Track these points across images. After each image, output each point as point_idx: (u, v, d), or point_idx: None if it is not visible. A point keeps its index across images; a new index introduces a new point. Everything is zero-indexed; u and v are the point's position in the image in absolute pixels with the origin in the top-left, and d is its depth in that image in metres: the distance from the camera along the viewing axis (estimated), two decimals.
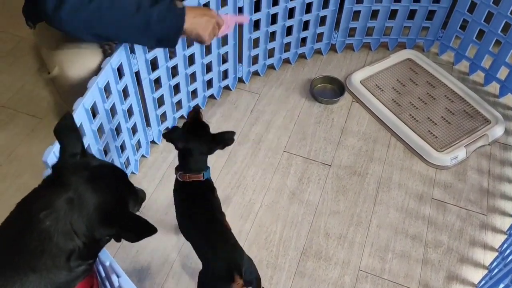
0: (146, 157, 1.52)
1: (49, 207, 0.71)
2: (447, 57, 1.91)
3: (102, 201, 0.75)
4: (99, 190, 0.76)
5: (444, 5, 1.76)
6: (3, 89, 1.72)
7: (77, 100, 1.07)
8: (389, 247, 1.35)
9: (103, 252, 0.80)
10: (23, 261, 0.70)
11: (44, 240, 0.71)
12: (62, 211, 0.72)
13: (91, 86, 1.11)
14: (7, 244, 0.72)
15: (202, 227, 1.10)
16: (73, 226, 0.72)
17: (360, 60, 1.88)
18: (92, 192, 0.75)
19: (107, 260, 0.79)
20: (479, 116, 1.66)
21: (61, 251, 0.72)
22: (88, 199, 0.74)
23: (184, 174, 1.13)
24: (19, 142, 1.55)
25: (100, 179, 0.78)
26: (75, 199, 0.73)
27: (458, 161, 1.55)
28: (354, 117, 1.68)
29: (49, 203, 0.72)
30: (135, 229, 0.76)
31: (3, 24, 1.97)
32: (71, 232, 0.73)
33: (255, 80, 1.79)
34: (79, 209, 0.73)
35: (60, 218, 0.71)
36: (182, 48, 1.40)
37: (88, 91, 1.10)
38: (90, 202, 0.74)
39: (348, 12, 1.77)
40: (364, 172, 1.52)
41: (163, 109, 1.51)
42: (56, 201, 0.72)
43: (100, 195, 0.75)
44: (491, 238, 1.39)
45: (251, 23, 1.57)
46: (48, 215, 0.71)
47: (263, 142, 1.59)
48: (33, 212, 0.71)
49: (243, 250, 1.07)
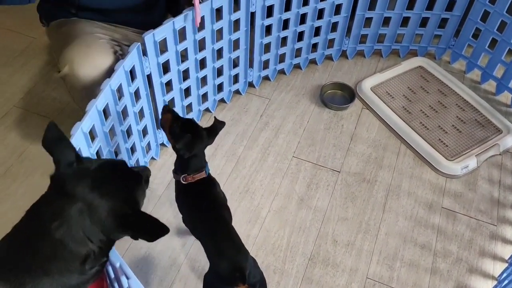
0: (155, 159, 1.53)
1: (59, 218, 0.71)
2: (459, 65, 1.90)
3: (113, 204, 0.75)
4: (106, 194, 0.75)
5: (457, 13, 1.75)
6: (15, 89, 1.74)
7: (91, 101, 1.08)
8: (398, 255, 1.34)
9: (113, 253, 0.80)
10: (36, 265, 0.70)
11: (58, 248, 0.71)
12: (73, 221, 0.71)
13: (104, 88, 1.11)
14: (19, 249, 0.71)
15: (210, 227, 1.10)
16: (86, 234, 0.72)
17: (371, 67, 1.88)
18: (101, 198, 0.74)
19: (117, 261, 0.79)
20: (490, 125, 1.65)
21: (75, 256, 0.72)
22: (99, 206, 0.73)
23: (188, 176, 1.11)
24: (30, 142, 1.56)
25: (104, 183, 0.77)
26: (85, 208, 0.72)
27: (468, 170, 1.53)
28: (364, 123, 1.68)
29: (59, 214, 0.71)
30: (149, 231, 0.75)
31: (16, 24, 1.99)
32: (85, 240, 0.73)
33: (265, 85, 1.79)
34: (91, 217, 0.73)
35: (72, 228, 0.71)
36: (194, 52, 1.40)
37: (101, 93, 1.10)
38: (101, 209, 0.74)
39: (360, 19, 1.77)
40: (373, 179, 1.51)
41: None
42: (66, 212, 0.71)
43: (109, 199, 0.75)
44: (500, 249, 1.37)
45: (262, 28, 1.57)
46: (60, 226, 0.71)
47: (272, 147, 1.59)
48: (44, 223, 0.71)
49: (248, 252, 1.07)
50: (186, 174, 1.11)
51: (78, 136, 1.02)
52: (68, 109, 1.66)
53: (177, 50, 1.33)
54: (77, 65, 1.20)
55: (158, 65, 1.32)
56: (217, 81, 1.60)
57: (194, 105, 1.58)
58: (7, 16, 2.02)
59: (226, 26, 1.44)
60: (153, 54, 1.28)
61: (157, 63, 1.31)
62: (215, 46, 1.46)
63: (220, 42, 1.47)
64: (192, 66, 1.44)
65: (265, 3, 1.49)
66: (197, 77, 1.49)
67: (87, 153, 1.08)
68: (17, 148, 1.55)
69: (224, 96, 1.69)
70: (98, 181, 0.76)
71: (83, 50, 1.22)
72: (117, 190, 0.78)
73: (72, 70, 1.21)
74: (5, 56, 1.86)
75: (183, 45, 1.34)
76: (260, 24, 1.55)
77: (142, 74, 1.28)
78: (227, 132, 1.62)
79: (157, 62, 1.30)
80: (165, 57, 1.32)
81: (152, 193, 1.44)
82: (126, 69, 1.19)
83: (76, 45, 1.24)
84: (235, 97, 1.74)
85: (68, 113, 1.65)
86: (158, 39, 1.24)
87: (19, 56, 1.87)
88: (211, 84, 1.58)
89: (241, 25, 1.49)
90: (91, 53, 1.22)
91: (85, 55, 1.22)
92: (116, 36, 1.36)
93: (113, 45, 1.30)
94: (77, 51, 1.22)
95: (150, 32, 1.22)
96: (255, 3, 1.46)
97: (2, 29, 1.98)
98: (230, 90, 1.70)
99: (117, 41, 1.35)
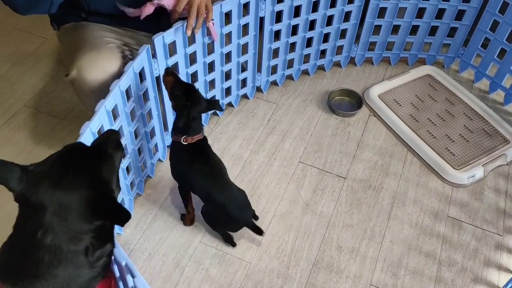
0: (162, 161, 1.53)
1: (41, 227, 0.70)
2: (467, 74, 1.90)
3: (79, 195, 0.72)
4: (69, 188, 0.73)
5: (466, 22, 1.75)
6: (25, 89, 1.76)
7: (100, 102, 1.09)
8: (402, 263, 1.34)
9: (119, 252, 0.80)
10: (41, 271, 0.70)
11: (55, 252, 0.71)
12: (55, 225, 0.70)
13: (113, 88, 1.12)
14: (18, 260, 0.71)
15: (215, 177, 1.25)
16: (73, 230, 0.72)
17: (379, 74, 1.88)
18: (66, 194, 0.72)
19: (123, 260, 0.79)
20: (498, 135, 1.64)
21: (76, 252, 0.72)
22: (68, 202, 0.72)
23: (188, 137, 1.22)
24: (39, 142, 1.58)
25: (62, 177, 0.74)
26: (58, 209, 0.71)
27: (475, 179, 1.53)
28: (371, 130, 1.68)
29: (38, 222, 0.71)
30: (117, 218, 0.74)
31: (28, 25, 2.02)
32: (76, 235, 0.72)
33: (273, 90, 1.80)
34: (67, 215, 0.71)
35: (57, 232, 0.71)
36: (202, 55, 1.41)
37: (110, 94, 1.11)
38: (71, 203, 0.72)
39: (369, 26, 1.77)
40: (379, 187, 1.51)
41: None
42: (43, 220, 0.70)
43: (74, 191, 0.73)
44: (506, 259, 1.37)
45: (271, 33, 1.58)
46: (45, 233, 0.70)
47: (279, 152, 1.59)
48: (30, 234, 0.71)
49: (249, 202, 1.29)
50: (186, 136, 1.21)
51: (86, 136, 1.03)
52: (76, 110, 1.68)
53: (186, 52, 1.35)
54: (85, 69, 1.22)
55: (167, 67, 1.33)
56: (225, 84, 1.60)
57: None
58: (19, 17, 2.03)
59: (235, 30, 1.45)
60: (162, 57, 1.29)
61: (166, 65, 1.32)
62: (224, 50, 1.47)
63: (229, 46, 1.48)
64: (200, 69, 1.45)
65: (274, 8, 1.50)
66: (205, 80, 1.50)
67: None
68: (25, 147, 1.56)
69: (232, 100, 1.70)
70: (55, 178, 0.73)
71: (91, 54, 1.24)
72: (77, 178, 0.74)
73: (80, 74, 1.22)
74: (16, 56, 1.89)
75: (192, 48, 1.35)
76: (269, 29, 1.56)
77: (151, 76, 1.29)
78: (234, 136, 1.62)
79: (166, 64, 1.32)
80: (174, 59, 1.33)
81: (158, 195, 1.45)
82: (135, 71, 1.20)
83: (85, 50, 1.25)
84: (243, 101, 1.75)
85: (77, 114, 1.66)
86: (167, 41, 1.26)
87: (30, 56, 1.89)
88: (219, 88, 1.59)
89: (250, 29, 1.50)
90: (99, 57, 1.24)
91: (93, 59, 1.23)
92: (126, 40, 1.37)
93: (122, 49, 1.31)
94: (85, 56, 1.23)
95: (160, 34, 1.23)
96: (264, 8, 1.47)
97: (14, 29, 2.00)
98: (238, 94, 1.71)
99: (127, 45, 1.36)
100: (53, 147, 1.55)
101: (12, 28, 2.00)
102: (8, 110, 1.68)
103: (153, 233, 1.36)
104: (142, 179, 1.44)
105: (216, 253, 1.33)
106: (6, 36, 1.97)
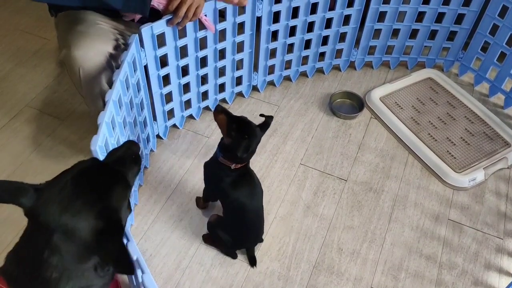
0: (153, 151, 1.56)
1: (47, 247, 0.71)
2: (467, 78, 1.90)
3: (86, 222, 0.72)
4: (78, 213, 0.72)
5: (465, 26, 1.76)
6: (28, 89, 1.76)
7: (107, 93, 1.10)
8: (403, 266, 1.34)
9: (132, 246, 0.80)
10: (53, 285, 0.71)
11: (64, 271, 0.71)
12: (61, 248, 0.71)
13: (116, 79, 1.13)
14: (27, 276, 0.72)
15: (254, 196, 1.23)
16: (79, 254, 0.72)
17: (379, 78, 1.89)
18: (74, 220, 0.71)
19: (135, 254, 0.79)
20: (499, 138, 1.65)
21: (86, 270, 0.73)
22: (75, 227, 0.71)
23: (237, 164, 1.19)
24: (40, 142, 1.58)
25: (72, 200, 0.73)
26: (64, 234, 0.71)
27: (476, 183, 1.53)
28: (372, 133, 1.68)
29: (44, 243, 0.71)
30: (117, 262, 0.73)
31: (30, 25, 2.02)
32: (84, 256, 0.72)
33: (275, 92, 1.80)
34: (74, 240, 0.71)
35: (64, 254, 0.71)
36: (194, 49, 1.42)
37: (114, 84, 1.12)
38: (79, 231, 0.71)
39: (369, 30, 1.78)
40: (380, 189, 1.51)
41: (171, 106, 1.54)
42: (50, 242, 0.71)
43: (82, 217, 0.72)
44: (506, 263, 1.37)
45: (268, 33, 1.58)
46: (50, 254, 0.71)
47: (280, 154, 1.59)
48: (36, 253, 0.71)
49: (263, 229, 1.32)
50: (235, 164, 1.18)
51: (104, 130, 1.03)
52: (78, 111, 1.68)
53: (176, 45, 1.36)
54: (74, 46, 1.24)
55: (156, 58, 1.34)
56: (219, 80, 1.61)
57: (194, 101, 1.61)
58: (22, 18, 2.05)
59: (229, 28, 1.46)
60: (151, 47, 1.30)
61: (154, 56, 1.33)
62: (218, 46, 1.48)
63: (223, 42, 1.49)
64: (192, 63, 1.46)
65: (271, 8, 1.51)
66: (198, 74, 1.51)
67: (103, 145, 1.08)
68: (27, 147, 1.56)
69: (226, 97, 1.70)
70: (65, 202, 0.72)
71: (81, 33, 1.26)
72: (87, 206, 0.73)
73: (69, 51, 1.24)
74: (18, 56, 1.89)
75: (183, 41, 1.36)
76: (266, 29, 1.57)
77: (139, 65, 1.30)
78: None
79: (155, 55, 1.32)
80: (163, 51, 1.34)
81: (159, 196, 1.45)
82: (128, 61, 1.21)
83: (76, 29, 1.28)
84: (244, 103, 1.75)
85: (79, 114, 1.67)
86: (156, 32, 1.27)
87: (33, 57, 1.89)
88: (212, 84, 1.60)
89: (245, 28, 1.51)
90: (89, 35, 1.26)
91: (83, 37, 1.25)
92: (120, 27, 1.39)
93: (113, 32, 1.34)
94: (76, 34, 1.26)
95: (148, 24, 1.25)
96: (261, 8, 1.48)
97: (17, 30, 2.00)
98: (233, 91, 1.72)
99: (117, 29, 1.38)
100: (55, 147, 1.56)
101: (14, 29, 2.01)
102: (11, 110, 1.68)
103: (154, 234, 1.36)
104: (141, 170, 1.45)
105: (217, 254, 1.33)
106: (8, 36, 1.98)
